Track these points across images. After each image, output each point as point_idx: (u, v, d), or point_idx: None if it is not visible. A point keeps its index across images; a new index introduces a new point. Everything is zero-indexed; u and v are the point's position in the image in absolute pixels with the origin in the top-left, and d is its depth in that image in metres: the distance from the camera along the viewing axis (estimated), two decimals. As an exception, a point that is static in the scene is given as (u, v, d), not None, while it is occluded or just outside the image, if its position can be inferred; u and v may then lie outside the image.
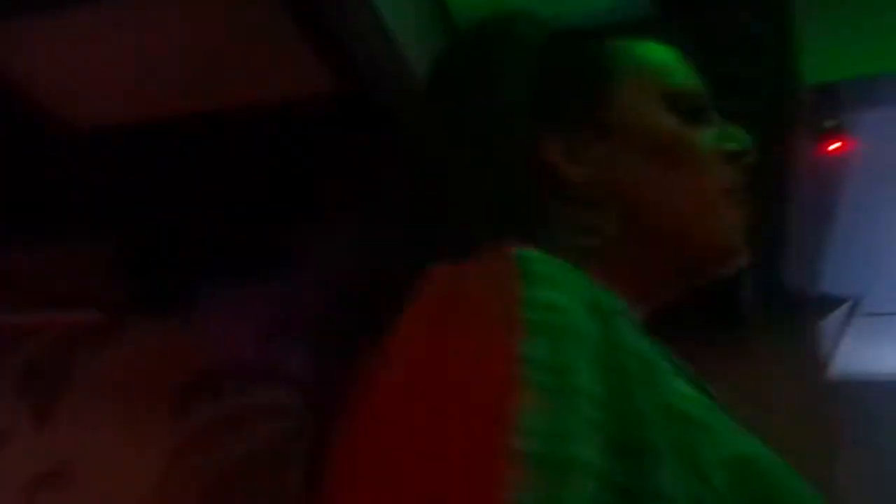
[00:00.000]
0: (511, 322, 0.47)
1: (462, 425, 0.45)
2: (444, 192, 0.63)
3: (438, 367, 0.48)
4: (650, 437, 0.45)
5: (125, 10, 1.52)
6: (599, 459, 0.43)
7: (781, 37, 1.61)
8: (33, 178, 2.05)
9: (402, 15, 1.50)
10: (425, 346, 0.50)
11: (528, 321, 0.47)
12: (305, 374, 2.18)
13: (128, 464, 2.26)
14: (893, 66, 1.80)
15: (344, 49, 1.51)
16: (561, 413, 0.44)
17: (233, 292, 2.28)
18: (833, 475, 2.09)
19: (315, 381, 0.66)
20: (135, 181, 2.08)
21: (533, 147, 0.65)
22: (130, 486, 2.22)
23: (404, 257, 0.61)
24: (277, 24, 1.52)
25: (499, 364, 0.46)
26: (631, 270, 0.65)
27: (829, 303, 3.20)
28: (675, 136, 0.67)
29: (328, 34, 1.50)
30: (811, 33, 1.72)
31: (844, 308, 3.32)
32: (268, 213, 2.18)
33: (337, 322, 0.67)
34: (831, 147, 1.90)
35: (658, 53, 0.71)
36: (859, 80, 1.82)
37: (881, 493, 2.24)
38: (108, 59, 1.67)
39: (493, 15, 0.71)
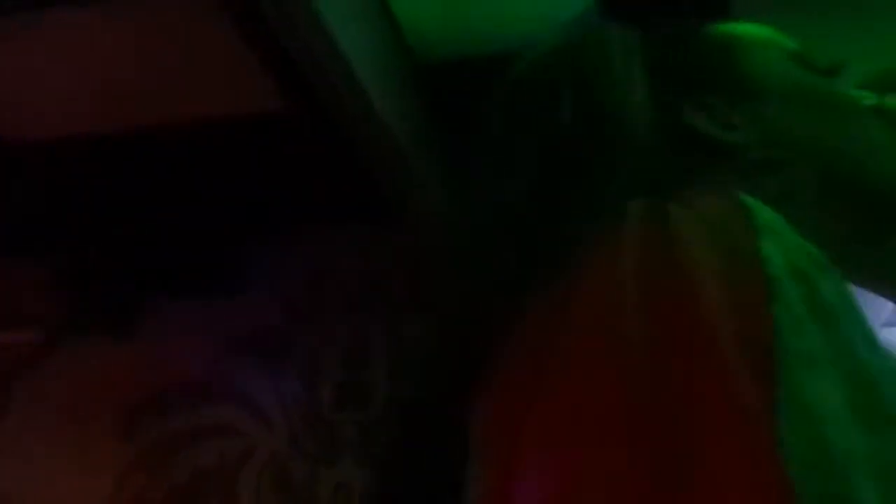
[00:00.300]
0: (754, 277, 0.43)
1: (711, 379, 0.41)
2: (604, 169, 0.58)
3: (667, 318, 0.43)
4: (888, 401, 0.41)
5: (63, 24, 1.49)
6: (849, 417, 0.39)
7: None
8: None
9: (355, 36, 1.49)
10: (646, 299, 0.45)
11: (771, 278, 0.43)
12: (264, 390, 2.15)
13: (72, 488, 2.20)
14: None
15: (293, 66, 1.50)
16: (818, 385, 0.40)
17: (181, 310, 2.24)
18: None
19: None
20: (76, 197, 2.04)
21: (679, 118, 0.60)
22: (75, 512, 2.17)
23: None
24: (225, 39, 1.51)
25: (749, 330, 0.41)
26: (820, 237, 0.55)
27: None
28: (820, 85, 0.65)
29: (278, 52, 1.48)
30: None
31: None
32: (218, 229, 2.15)
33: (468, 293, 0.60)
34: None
35: (759, 26, 0.69)
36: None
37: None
38: (48, 72, 1.64)
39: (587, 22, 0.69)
